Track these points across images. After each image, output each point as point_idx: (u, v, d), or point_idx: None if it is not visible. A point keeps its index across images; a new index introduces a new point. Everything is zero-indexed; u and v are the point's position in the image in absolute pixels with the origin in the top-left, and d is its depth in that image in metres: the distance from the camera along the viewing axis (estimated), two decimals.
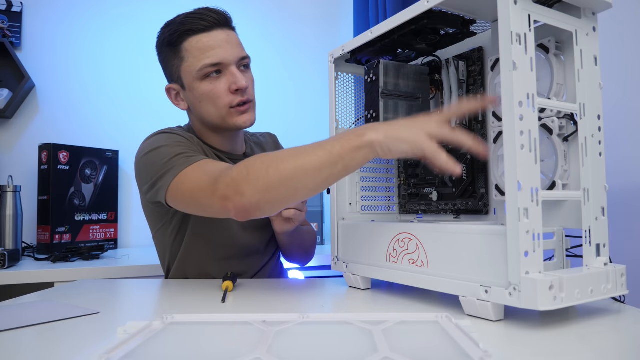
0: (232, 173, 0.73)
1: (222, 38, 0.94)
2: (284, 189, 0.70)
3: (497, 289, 0.55)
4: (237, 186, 0.72)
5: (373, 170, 0.90)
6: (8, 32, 1.75)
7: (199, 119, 1.00)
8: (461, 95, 0.77)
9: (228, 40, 0.95)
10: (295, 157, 0.70)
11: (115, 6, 1.93)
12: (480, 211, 0.76)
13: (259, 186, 0.70)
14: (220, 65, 0.93)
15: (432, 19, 0.68)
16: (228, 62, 0.94)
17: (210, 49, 0.93)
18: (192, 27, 0.94)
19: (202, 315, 0.56)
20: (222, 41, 0.94)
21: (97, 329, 0.58)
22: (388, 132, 0.66)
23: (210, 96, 0.94)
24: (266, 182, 0.70)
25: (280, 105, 2.11)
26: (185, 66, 0.95)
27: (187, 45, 0.94)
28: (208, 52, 0.93)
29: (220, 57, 0.93)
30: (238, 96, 0.95)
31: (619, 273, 0.58)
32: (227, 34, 0.95)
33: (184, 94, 0.98)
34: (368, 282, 0.80)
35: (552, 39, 0.64)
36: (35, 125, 1.79)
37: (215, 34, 0.94)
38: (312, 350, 0.46)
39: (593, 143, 0.61)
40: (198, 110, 0.97)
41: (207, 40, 0.93)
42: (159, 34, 0.99)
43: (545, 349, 0.47)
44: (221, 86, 0.94)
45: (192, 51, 0.93)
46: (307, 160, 0.69)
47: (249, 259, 1.03)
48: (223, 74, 0.94)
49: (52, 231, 1.55)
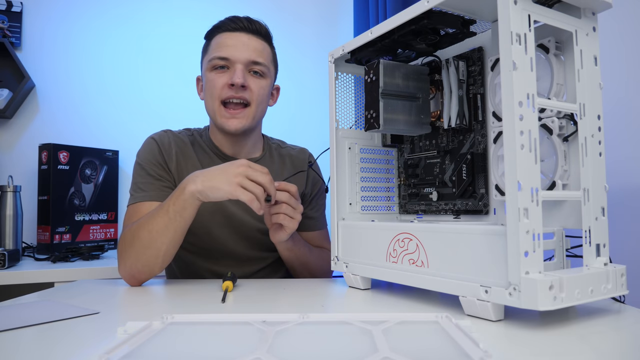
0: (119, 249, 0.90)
1: (242, 40, 1.00)
2: (148, 252, 0.85)
3: (497, 289, 0.55)
4: (120, 259, 0.88)
5: (373, 170, 0.90)
6: (8, 32, 1.75)
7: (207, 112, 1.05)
8: (461, 95, 0.77)
9: (246, 43, 1.00)
10: (147, 224, 0.85)
11: (115, 6, 1.93)
12: (480, 211, 0.76)
13: (131, 259, 0.86)
14: (227, 60, 0.99)
15: (432, 19, 0.67)
16: (235, 59, 0.99)
17: (225, 46, 1.00)
18: (222, 25, 1.02)
19: (202, 315, 0.56)
20: (240, 42, 1.00)
21: (97, 329, 0.58)
22: (204, 182, 0.81)
23: (210, 85, 1.00)
24: (134, 255, 0.85)
25: (280, 105, 2.10)
26: (205, 57, 1.04)
27: (213, 41, 1.02)
28: (222, 47, 1.00)
29: (230, 53, 0.99)
30: (231, 91, 0.98)
31: (619, 273, 0.58)
32: (249, 38, 1.01)
33: (202, 84, 1.06)
34: (368, 282, 0.80)
35: (552, 39, 0.64)
36: (35, 125, 1.79)
37: (238, 35, 1.01)
38: (312, 350, 0.46)
39: (593, 143, 0.61)
40: (205, 101, 1.04)
41: (227, 38, 1.00)
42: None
43: (545, 349, 0.47)
44: (221, 79, 0.99)
45: (213, 45, 1.02)
46: (155, 224, 0.84)
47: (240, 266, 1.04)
48: (229, 70, 1.00)
49: (52, 231, 1.55)
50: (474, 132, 0.77)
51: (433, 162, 0.85)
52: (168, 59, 1.96)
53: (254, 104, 1.01)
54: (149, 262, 0.85)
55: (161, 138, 1.04)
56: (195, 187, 0.81)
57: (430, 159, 0.85)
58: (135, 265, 0.85)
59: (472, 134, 0.77)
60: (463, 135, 0.79)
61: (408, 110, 0.80)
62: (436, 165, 0.84)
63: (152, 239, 0.84)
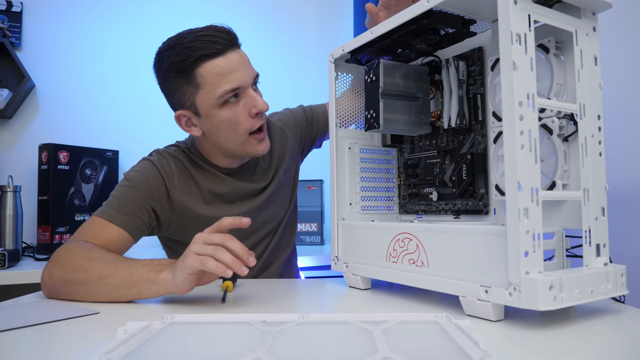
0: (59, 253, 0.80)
1: (237, 59, 0.89)
2: (82, 289, 0.75)
3: (497, 289, 0.55)
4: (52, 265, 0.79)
5: (373, 171, 0.90)
6: (8, 32, 1.75)
7: (214, 145, 0.96)
8: (461, 95, 0.77)
9: (243, 62, 0.90)
10: (103, 266, 0.75)
11: (115, 6, 1.93)
12: (480, 211, 0.76)
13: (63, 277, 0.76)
14: (239, 89, 0.89)
15: (432, 19, 0.67)
16: (245, 85, 0.90)
17: (229, 74, 0.88)
18: (207, 51, 0.86)
19: (202, 315, 0.56)
20: (237, 63, 0.89)
21: (97, 329, 0.58)
22: (176, 270, 0.69)
23: (230, 123, 0.90)
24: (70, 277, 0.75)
25: (280, 106, 2.10)
26: (202, 93, 0.88)
27: (202, 71, 0.87)
28: (226, 77, 0.87)
29: (240, 81, 0.89)
30: (258, 120, 0.92)
31: (619, 273, 0.58)
32: (239, 55, 0.90)
33: (198, 120, 0.93)
34: (368, 282, 0.80)
35: (552, 39, 0.64)
36: (35, 125, 1.79)
37: (230, 56, 0.88)
38: (312, 350, 0.46)
39: (593, 143, 0.61)
40: (215, 136, 0.93)
41: (224, 64, 0.87)
42: (162, 57, 0.90)
43: (545, 349, 0.47)
44: (241, 111, 0.90)
45: (209, 77, 0.87)
46: (111, 274, 0.73)
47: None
48: (240, 97, 0.90)
49: (52, 231, 1.55)
50: (474, 132, 0.77)
51: (433, 162, 0.85)
52: None
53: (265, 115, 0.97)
54: (76, 294, 0.75)
55: (160, 162, 0.95)
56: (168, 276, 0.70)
57: (430, 159, 0.85)
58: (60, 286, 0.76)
59: (472, 134, 0.77)
60: (463, 135, 0.79)
61: (408, 110, 0.80)
62: (436, 165, 0.84)
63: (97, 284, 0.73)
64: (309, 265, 1.56)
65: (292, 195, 1.13)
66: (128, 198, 0.90)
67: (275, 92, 2.09)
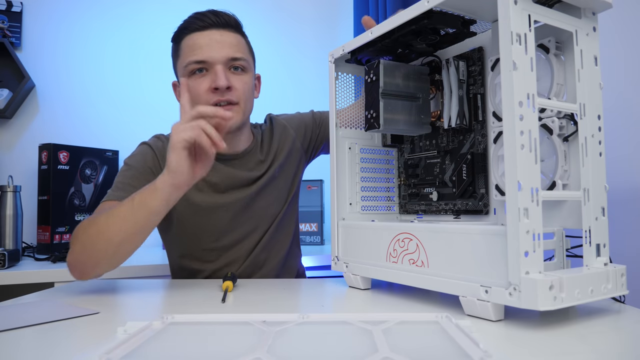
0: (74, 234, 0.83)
1: (214, 38, 0.95)
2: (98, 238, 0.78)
3: (497, 289, 0.55)
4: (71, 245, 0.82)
5: (373, 170, 0.90)
6: (8, 32, 1.75)
7: None
8: (461, 95, 0.77)
9: (220, 40, 0.95)
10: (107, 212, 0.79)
11: (115, 6, 1.93)
12: (480, 211, 0.76)
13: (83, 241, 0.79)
14: (205, 63, 0.94)
15: (432, 19, 0.67)
16: (213, 60, 0.94)
17: (199, 47, 0.94)
18: (189, 25, 0.96)
19: (202, 315, 0.56)
20: (213, 40, 0.94)
21: (97, 329, 0.58)
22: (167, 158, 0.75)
23: (192, 94, 0.94)
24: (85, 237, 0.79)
25: (280, 106, 2.09)
26: (179, 62, 0.98)
27: (183, 43, 0.97)
28: (196, 50, 0.94)
29: (206, 56, 0.94)
30: (217, 95, 0.94)
31: (619, 273, 0.58)
32: (221, 34, 0.96)
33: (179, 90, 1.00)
34: (368, 282, 0.80)
35: (552, 39, 0.64)
36: (35, 125, 1.79)
37: (209, 33, 0.95)
38: (312, 350, 0.46)
39: (593, 143, 0.61)
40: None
41: (199, 38, 0.95)
42: None
43: (545, 349, 0.47)
44: (202, 84, 0.95)
45: (185, 48, 0.96)
46: (116, 211, 0.78)
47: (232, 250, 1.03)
48: (208, 72, 0.95)
49: (52, 231, 1.55)
50: (474, 132, 0.77)
51: (433, 162, 0.85)
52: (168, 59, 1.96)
53: (242, 102, 0.97)
54: (97, 251, 0.77)
55: (155, 143, 1.02)
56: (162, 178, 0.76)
57: (430, 159, 0.85)
58: (83, 253, 0.79)
59: (472, 134, 0.77)
60: (463, 135, 0.79)
61: (408, 110, 0.80)
62: (436, 165, 0.84)
63: (108, 225, 0.77)
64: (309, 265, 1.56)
65: (288, 194, 1.12)
66: (132, 179, 0.94)
67: (275, 92, 2.09)
